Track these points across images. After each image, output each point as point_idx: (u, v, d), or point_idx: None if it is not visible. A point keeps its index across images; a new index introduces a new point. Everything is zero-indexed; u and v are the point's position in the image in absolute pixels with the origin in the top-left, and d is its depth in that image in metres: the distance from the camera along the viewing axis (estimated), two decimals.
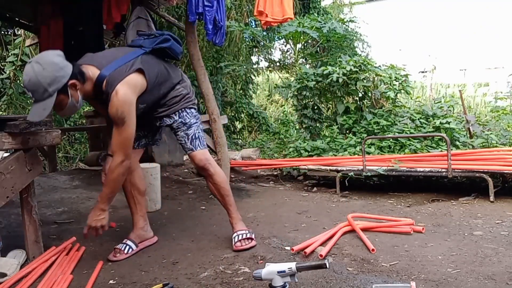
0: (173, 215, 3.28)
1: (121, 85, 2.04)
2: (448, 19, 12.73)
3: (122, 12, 3.85)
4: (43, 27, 4.26)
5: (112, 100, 2.03)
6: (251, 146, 7.22)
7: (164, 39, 2.33)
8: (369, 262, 2.13)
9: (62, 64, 1.97)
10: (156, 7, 4.75)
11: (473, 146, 4.12)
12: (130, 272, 2.15)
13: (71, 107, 2.04)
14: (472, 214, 2.97)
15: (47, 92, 1.92)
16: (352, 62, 4.99)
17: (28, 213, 2.25)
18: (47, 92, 1.92)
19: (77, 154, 6.96)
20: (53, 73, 1.92)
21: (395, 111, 4.98)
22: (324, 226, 2.81)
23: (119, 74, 2.07)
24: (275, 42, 9.26)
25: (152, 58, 2.28)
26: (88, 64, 2.11)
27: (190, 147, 2.41)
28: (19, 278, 2.07)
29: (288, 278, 1.59)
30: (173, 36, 2.39)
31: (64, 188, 4.04)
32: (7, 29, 7.20)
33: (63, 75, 1.95)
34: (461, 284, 1.83)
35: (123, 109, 2.03)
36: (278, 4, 4.05)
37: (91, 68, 2.09)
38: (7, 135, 2.09)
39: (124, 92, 2.04)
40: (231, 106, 8.52)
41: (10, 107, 6.84)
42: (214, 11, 3.55)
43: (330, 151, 4.66)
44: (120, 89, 2.03)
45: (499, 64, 11.47)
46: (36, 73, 1.90)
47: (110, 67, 2.09)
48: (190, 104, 2.45)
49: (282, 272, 1.58)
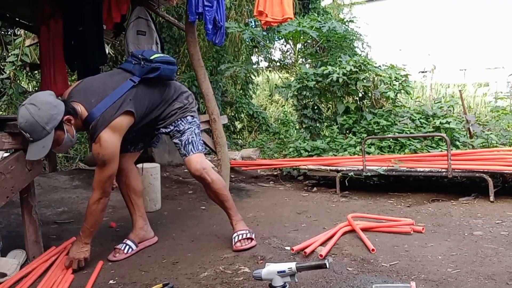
0: (173, 215, 3.28)
1: (105, 132, 2.08)
2: (448, 19, 12.73)
3: (122, 12, 3.85)
4: (43, 27, 4.25)
5: (96, 145, 2.10)
6: (251, 146, 7.21)
7: (151, 68, 2.27)
8: (369, 262, 2.13)
9: (56, 103, 2.03)
10: (156, 7, 4.75)
11: (473, 146, 4.12)
12: (130, 272, 2.15)
13: (67, 142, 2.10)
14: (472, 214, 2.97)
15: (45, 131, 1.96)
16: (352, 62, 4.99)
17: (28, 213, 2.25)
18: (45, 131, 1.97)
19: (77, 154, 6.96)
20: (49, 112, 1.97)
21: (395, 111, 4.98)
22: (324, 226, 2.81)
23: (106, 117, 2.09)
24: (275, 42, 9.25)
25: (143, 88, 2.27)
26: (78, 102, 2.13)
27: (183, 153, 2.43)
28: (19, 278, 2.07)
29: (288, 278, 1.59)
30: (163, 60, 2.31)
31: (64, 188, 4.04)
32: (7, 29, 7.20)
33: (57, 113, 2.01)
34: (461, 284, 1.83)
35: (104, 153, 2.10)
36: (278, 4, 4.04)
37: (81, 107, 2.13)
38: (7, 135, 2.09)
39: (108, 138, 2.09)
40: (231, 106, 8.52)
41: (10, 107, 6.84)
42: (214, 11, 3.55)
43: (330, 151, 4.65)
44: (104, 136, 2.08)
45: (499, 64, 11.47)
46: (32, 114, 1.94)
47: (99, 109, 2.10)
48: (187, 112, 2.45)
49: (282, 272, 1.58)
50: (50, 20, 4.23)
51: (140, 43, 4.21)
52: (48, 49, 4.24)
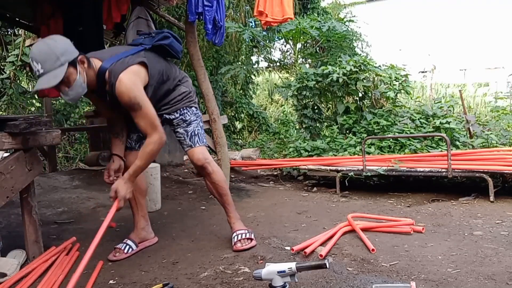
0: (173, 215, 3.28)
1: (124, 73, 2.05)
2: (448, 19, 12.73)
3: (122, 12, 3.86)
4: (43, 27, 4.26)
5: (119, 89, 2.04)
6: (251, 146, 7.22)
7: (163, 36, 2.33)
8: (369, 262, 2.13)
9: (71, 44, 2.01)
10: (156, 7, 4.75)
11: (473, 146, 4.12)
12: (130, 272, 2.15)
13: (77, 87, 2.00)
14: (472, 214, 2.97)
15: (58, 61, 1.91)
16: (352, 62, 4.99)
17: (28, 213, 2.25)
18: (59, 61, 1.91)
19: (77, 154, 6.96)
20: (65, 46, 1.96)
21: (395, 111, 4.98)
22: (324, 226, 2.81)
23: (121, 65, 2.08)
24: (275, 42, 9.26)
25: (154, 55, 2.28)
26: (92, 57, 2.13)
27: (189, 144, 2.42)
28: (19, 278, 2.07)
29: (288, 278, 1.59)
30: (172, 34, 2.39)
31: (64, 188, 4.04)
32: (7, 29, 7.20)
33: (73, 50, 1.99)
34: (461, 284, 1.83)
35: (134, 94, 2.04)
36: (278, 4, 4.05)
37: (94, 59, 2.11)
38: (7, 135, 2.09)
39: (128, 77, 2.05)
40: (231, 106, 8.52)
41: (10, 107, 6.84)
42: (214, 11, 3.55)
43: (330, 151, 4.66)
44: (123, 77, 2.04)
45: (499, 64, 11.47)
46: (48, 44, 1.93)
47: (112, 59, 2.10)
48: (192, 103, 2.46)
49: (282, 272, 1.58)
50: (50, 20, 4.24)
51: None
52: None
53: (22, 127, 2.08)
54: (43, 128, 2.21)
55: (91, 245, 1.84)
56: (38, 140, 2.20)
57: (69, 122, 7.27)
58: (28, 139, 2.14)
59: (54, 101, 7.01)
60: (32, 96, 7.36)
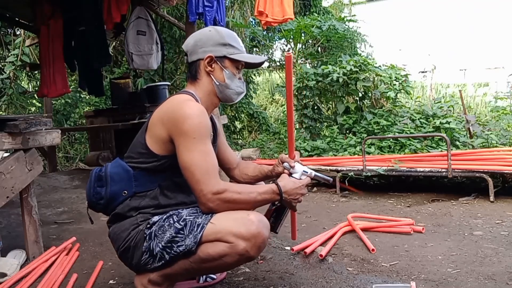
0: None
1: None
2: (448, 19, 12.73)
3: (122, 12, 3.85)
4: (43, 27, 4.26)
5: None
6: (251, 146, 7.21)
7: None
8: (369, 262, 2.13)
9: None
10: (156, 7, 4.75)
11: (473, 146, 4.11)
12: (130, 272, 2.14)
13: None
14: (472, 214, 2.97)
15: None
16: (352, 62, 4.99)
17: (28, 213, 2.25)
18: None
19: (77, 154, 6.97)
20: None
21: (395, 111, 4.98)
22: (324, 226, 2.81)
23: None
24: (276, 42, 9.26)
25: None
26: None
27: None
28: (19, 278, 2.06)
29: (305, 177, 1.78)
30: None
31: (64, 188, 4.04)
32: (7, 29, 7.20)
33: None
34: (461, 284, 1.83)
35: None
36: (278, 4, 4.05)
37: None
38: (7, 135, 2.09)
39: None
40: (231, 106, 8.51)
41: (10, 107, 6.85)
42: (214, 11, 3.55)
43: (330, 151, 4.65)
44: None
45: (499, 64, 11.47)
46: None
47: None
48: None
49: (305, 172, 1.79)
50: (50, 20, 4.24)
51: (140, 43, 4.21)
52: (47, 49, 4.24)
53: (22, 127, 2.08)
54: (43, 128, 2.21)
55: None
56: (38, 140, 2.20)
57: (69, 122, 7.26)
58: (28, 139, 2.14)
59: (54, 101, 7.00)
60: (32, 96, 7.36)
